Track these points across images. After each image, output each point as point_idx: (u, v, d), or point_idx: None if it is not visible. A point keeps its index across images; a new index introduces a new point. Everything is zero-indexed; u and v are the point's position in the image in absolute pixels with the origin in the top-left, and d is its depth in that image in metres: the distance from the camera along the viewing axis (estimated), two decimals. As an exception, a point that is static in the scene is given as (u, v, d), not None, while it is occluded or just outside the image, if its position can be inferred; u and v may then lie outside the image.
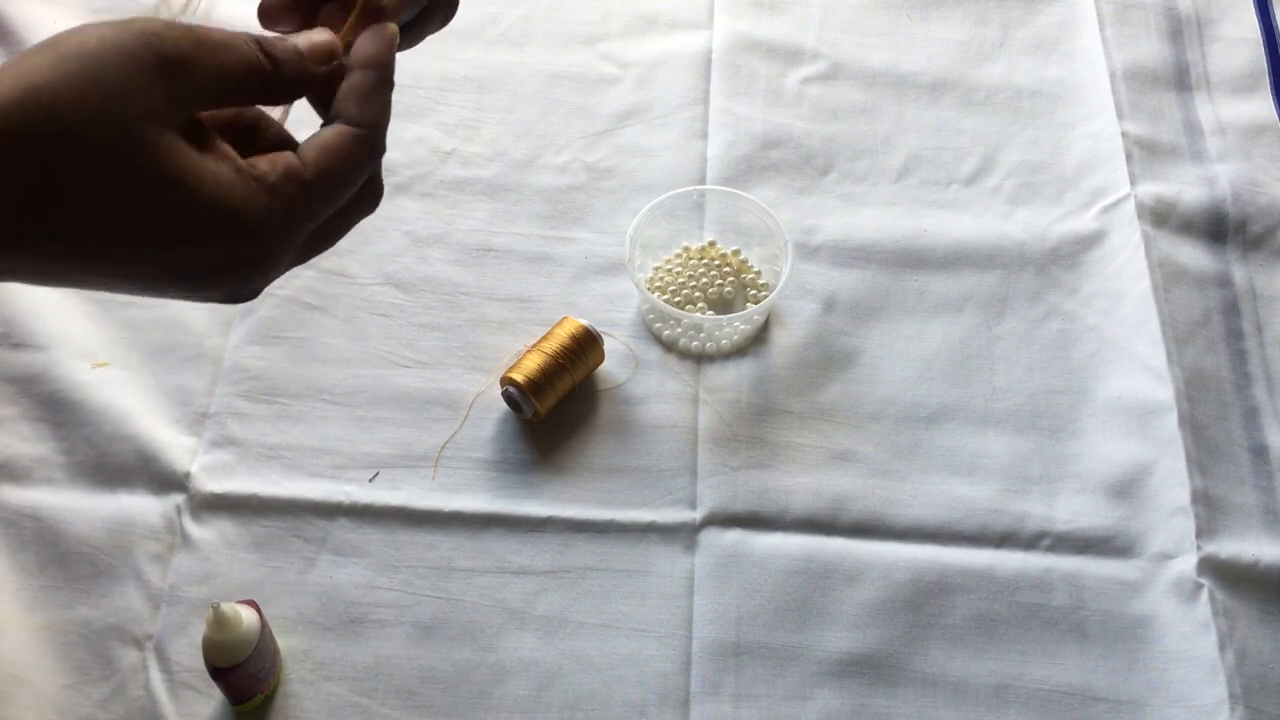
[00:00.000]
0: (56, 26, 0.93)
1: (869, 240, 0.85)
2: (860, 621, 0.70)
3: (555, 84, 0.93)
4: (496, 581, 0.70)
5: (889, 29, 0.98)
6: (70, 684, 0.66)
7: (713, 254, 0.84)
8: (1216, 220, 0.86)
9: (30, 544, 0.70)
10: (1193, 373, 0.78)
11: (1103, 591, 0.71)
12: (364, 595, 0.70)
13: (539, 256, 0.84)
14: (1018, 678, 0.68)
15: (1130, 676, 0.68)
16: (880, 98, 0.94)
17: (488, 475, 0.74)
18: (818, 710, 0.67)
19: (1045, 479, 0.75)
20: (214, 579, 0.70)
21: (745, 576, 0.71)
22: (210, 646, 0.61)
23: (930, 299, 0.83)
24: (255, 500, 0.72)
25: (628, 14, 0.98)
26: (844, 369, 0.80)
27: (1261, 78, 0.95)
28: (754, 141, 0.90)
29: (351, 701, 0.66)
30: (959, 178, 0.89)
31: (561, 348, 0.75)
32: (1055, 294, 0.83)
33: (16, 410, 0.75)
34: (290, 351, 0.79)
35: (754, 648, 0.69)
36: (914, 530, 0.73)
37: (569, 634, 0.69)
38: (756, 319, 0.80)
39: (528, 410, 0.75)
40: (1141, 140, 0.89)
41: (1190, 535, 0.71)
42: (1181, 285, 0.82)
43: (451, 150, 0.89)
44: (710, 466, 0.75)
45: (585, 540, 0.72)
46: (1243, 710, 0.65)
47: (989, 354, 0.81)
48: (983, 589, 0.71)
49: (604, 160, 0.89)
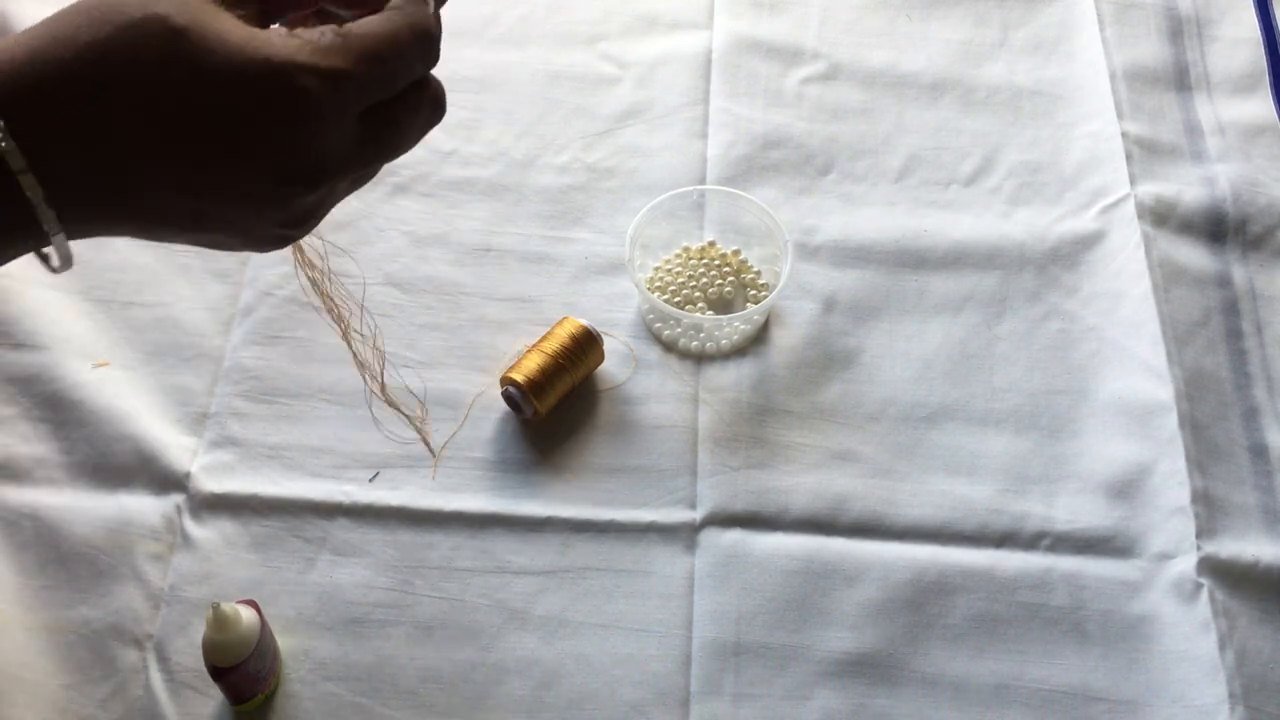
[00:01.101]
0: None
1: (869, 240, 0.85)
2: (860, 621, 0.70)
3: (555, 84, 0.93)
4: (496, 581, 0.70)
5: (889, 29, 0.98)
6: (70, 684, 0.66)
7: (713, 254, 0.84)
8: (1216, 220, 0.86)
9: (30, 544, 0.70)
10: (1193, 373, 0.78)
11: (1103, 591, 0.71)
12: (364, 595, 0.70)
13: (539, 256, 0.84)
14: (1017, 678, 0.68)
15: (1130, 676, 0.68)
16: (880, 98, 0.94)
17: (488, 475, 0.74)
18: (818, 710, 0.67)
19: (1045, 479, 0.75)
20: (214, 579, 0.70)
21: (745, 576, 0.71)
22: (210, 646, 0.61)
23: (930, 299, 0.83)
24: (255, 500, 0.72)
25: (628, 14, 0.98)
26: (844, 369, 0.80)
27: (1261, 78, 0.95)
28: (754, 141, 0.90)
29: (351, 701, 0.66)
30: (959, 178, 0.89)
31: (561, 348, 0.75)
32: (1055, 294, 0.83)
33: (16, 410, 0.75)
34: (290, 351, 0.79)
35: (754, 647, 0.69)
36: (914, 530, 0.73)
37: (569, 634, 0.69)
38: (756, 319, 0.80)
39: (528, 410, 0.75)
40: (1141, 140, 0.89)
41: (1190, 535, 0.71)
42: (1181, 285, 0.82)
43: (451, 150, 0.89)
44: (710, 466, 0.75)
45: (585, 540, 0.72)
46: (1243, 710, 0.65)
47: (989, 354, 0.81)
48: (982, 589, 0.71)
49: (604, 160, 0.89)
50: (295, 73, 0.39)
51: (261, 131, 0.39)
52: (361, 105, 0.42)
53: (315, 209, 0.43)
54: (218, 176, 0.40)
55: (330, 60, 0.40)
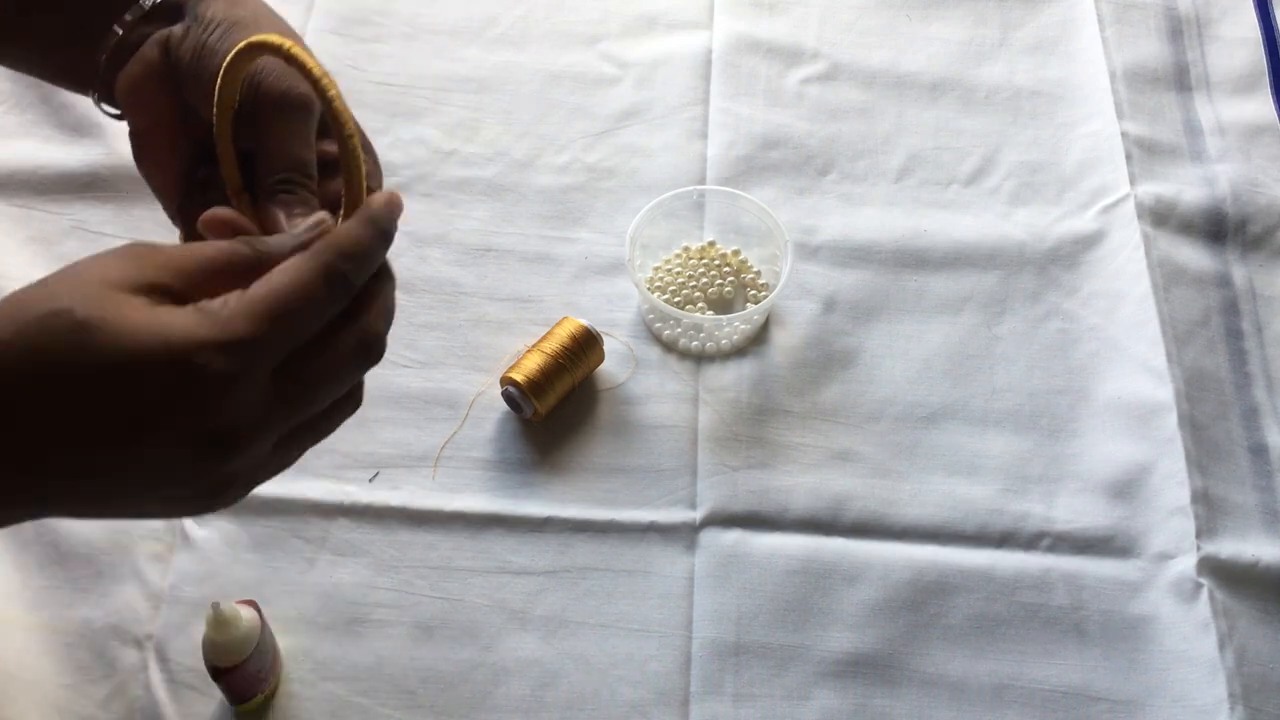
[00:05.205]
0: (56, 27, 0.93)
1: (869, 240, 0.85)
2: (860, 621, 0.70)
3: (555, 84, 0.93)
4: (496, 581, 0.70)
5: (889, 29, 0.98)
6: (70, 684, 0.66)
7: (712, 254, 0.84)
8: (1216, 220, 0.86)
9: (30, 544, 0.70)
10: (1193, 373, 0.78)
11: (1102, 591, 0.71)
12: (364, 595, 0.70)
13: (539, 256, 0.84)
14: (1017, 678, 0.68)
15: (1130, 676, 0.68)
16: (880, 98, 0.94)
17: (488, 475, 0.74)
18: (817, 710, 0.67)
19: (1045, 479, 0.75)
20: (214, 579, 0.70)
21: (745, 576, 0.71)
22: (210, 646, 0.61)
23: (930, 299, 0.83)
24: (255, 500, 0.72)
25: (628, 14, 0.98)
26: (844, 369, 0.80)
27: (1261, 78, 0.95)
28: (754, 141, 0.90)
29: (351, 701, 0.66)
30: (959, 178, 0.89)
31: (561, 348, 0.75)
32: (1055, 294, 0.83)
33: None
34: (290, 351, 0.79)
35: (754, 647, 0.69)
36: (914, 530, 0.73)
37: (569, 634, 0.69)
38: (756, 319, 0.80)
39: (528, 410, 0.75)
40: (1141, 140, 0.89)
41: (1190, 535, 0.71)
42: (1181, 285, 0.82)
43: (451, 150, 0.89)
44: (710, 466, 0.75)
45: (585, 540, 0.72)
46: (1243, 710, 0.65)
47: (989, 354, 0.81)
48: (982, 589, 0.71)
49: (604, 160, 0.89)
50: (194, 351, 0.39)
51: (164, 411, 0.40)
52: (273, 359, 0.41)
53: (237, 476, 0.43)
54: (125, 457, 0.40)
55: (230, 330, 0.40)
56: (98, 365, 0.39)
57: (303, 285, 0.41)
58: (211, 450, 0.41)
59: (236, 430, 0.41)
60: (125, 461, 0.40)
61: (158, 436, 0.40)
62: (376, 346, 0.46)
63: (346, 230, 0.44)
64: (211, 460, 0.41)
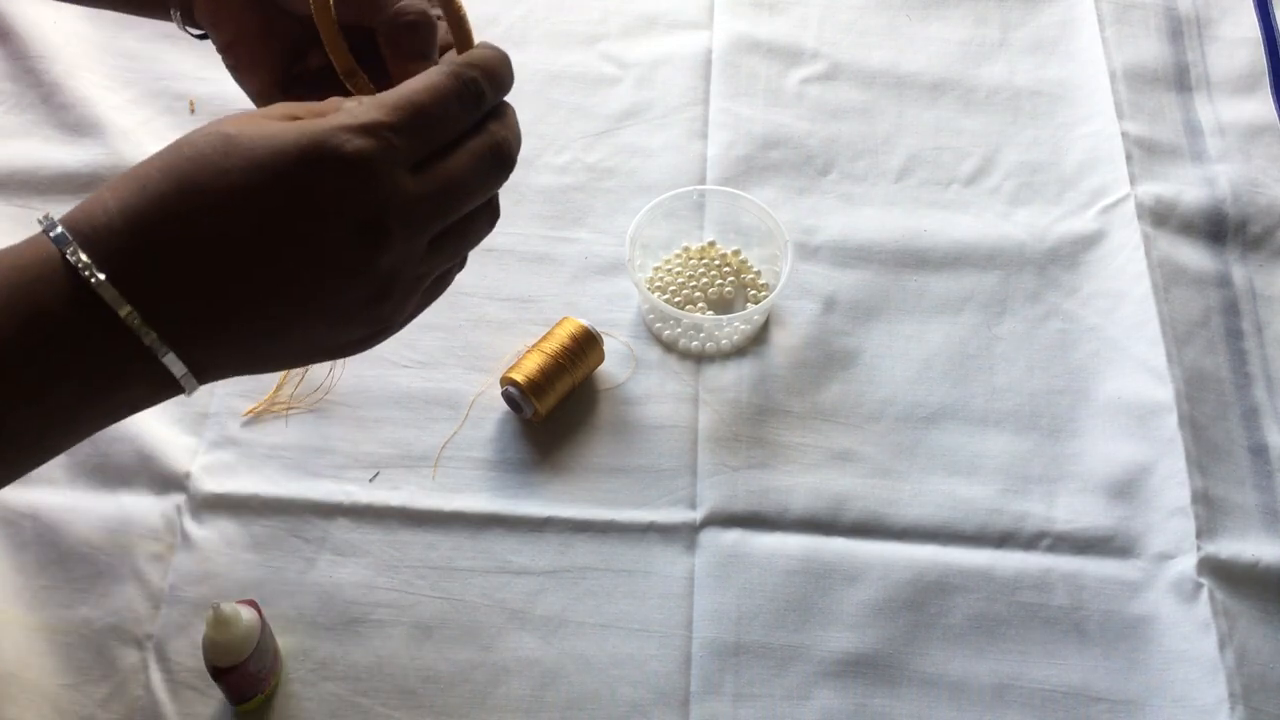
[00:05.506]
0: (56, 27, 0.93)
1: (869, 240, 0.85)
2: (860, 621, 0.70)
3: (555, 84, 0.93)
4: (496, 581, 0.70)
5: (889, 29, 0.98)
6: (70, 684, 0.66)
7: (713, 254, 0.84)
8: (1216, 220, 0.86)
9: (30, 544, 0.70)
10: (1193, 373, 0.78)
11: (1103, 591, 0.71)
12: (364, 595, 0.70)
13: (539, 256, 0.84)
14: (1017, 678, 0.68)
15: (1130, 676, 0.68)
16: (880, 98, 0.94)
17: (488, 475, 0.74)
18: (818, 710, 0.67)
19: (1045, 479, 0.75)
20: (214, 579, 0.70)
21: (745, 576, 0.71)
22: (210, 646, 0.61)
23: (930, 299, 0.83)
24: (255, 500, 0.72)
25: (628, 14, 0.98)
26: (844, 369, 0.80)
27: (1261, 78, 0.95)
28: (754, 141, 0.90)
29: (351, 701, 0.66)
30: (959, 178, 0.89)
31: (561, 348, 0.75)
32: (1055, 294, 0.83)
33: (16, 410, 0.75)
34: (290, 351, 0.79)
35: (754, 647, 0.69)
36: (914, 530, 0.73)
37: (569, 634, 0.69)
38: (756, 319, 0.80)
39: (528, 410, 0.75)
40: (1141, 140, 0.89)
41: (1190, 535, 0.71)
42: (1181, 285, 0.82)
43: (451, 150, 0.89)
44: (710, 466, 0.75)
45: (585, 540, 0.72)
46: (1243, 710, 0.65)
47: (989, 354, 0.81)
48: (982, 589, 0.71)
49: (604, 160, 0.89)
50: (330, 134, 0.41)
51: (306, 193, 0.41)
52: (411, 152, 0.43)
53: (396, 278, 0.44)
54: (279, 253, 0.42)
55: (368, 116, 0.42)
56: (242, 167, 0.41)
57: (434, 85, 0.44)
58: (364, 236, 0.42)
59: (386, 215, 0.42)
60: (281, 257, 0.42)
61: (308, 225, 0.41)
62: (509, 157, 0.48)
63: (473, 49, 0.47)
64: (366, 246, 0.42)
